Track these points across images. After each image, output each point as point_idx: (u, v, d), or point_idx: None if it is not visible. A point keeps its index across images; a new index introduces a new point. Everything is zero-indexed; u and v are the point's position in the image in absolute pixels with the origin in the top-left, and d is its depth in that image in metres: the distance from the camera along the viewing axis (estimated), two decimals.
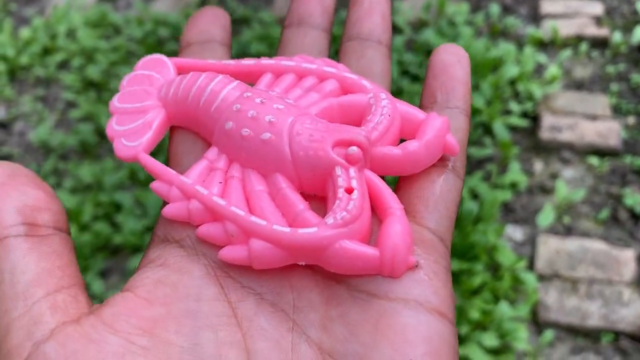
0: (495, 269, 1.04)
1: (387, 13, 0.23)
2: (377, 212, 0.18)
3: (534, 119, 1.24)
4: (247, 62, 0.21)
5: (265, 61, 0.21)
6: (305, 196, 0.18)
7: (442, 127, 0.18)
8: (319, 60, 0.21)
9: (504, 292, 1.01)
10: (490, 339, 0.93)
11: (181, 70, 0.22)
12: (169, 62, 0.22)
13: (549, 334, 0.98)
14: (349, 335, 0.16)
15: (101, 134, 1.32)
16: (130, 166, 1.23)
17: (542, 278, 1.04)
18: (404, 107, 0.20)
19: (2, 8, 1.69)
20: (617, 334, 0.99)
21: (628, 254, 1.05)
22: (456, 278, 1.01)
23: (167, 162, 0.22)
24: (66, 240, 0.19)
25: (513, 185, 1.14)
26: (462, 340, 0.95)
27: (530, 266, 1.05)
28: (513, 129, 1.24)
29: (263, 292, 0.17)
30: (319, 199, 0.18)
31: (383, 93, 0.19)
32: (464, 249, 1.02)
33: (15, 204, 0.18)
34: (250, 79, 0.21)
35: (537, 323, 1.00)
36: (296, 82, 0.21)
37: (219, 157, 0.19)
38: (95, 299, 1.07)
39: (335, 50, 0.24)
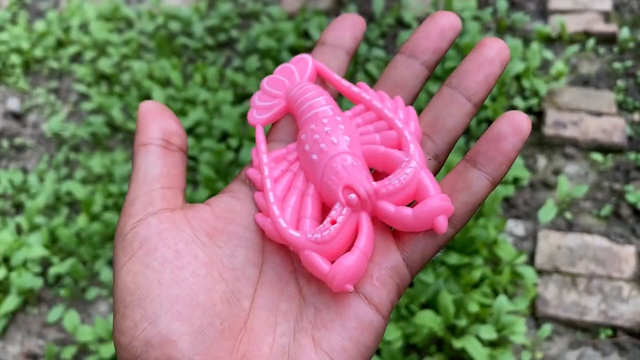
0: (495, 263, 1.05)
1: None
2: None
3: (539, 114, 1.25)
4: (353, 89, 0.27)
5: (363, 94, 0.27)
6: (325, 206, 0.25)
7: (439, 208, 0.23)
8: (400, 106, 0.26)
9: (503, 286, 1.02)
10: (488, 332, 0.95)
11: (317, 71, 0.28)
12: (310, 62, 0.28)
13: (547, 328, 0.99)
14: (319, 293, 0.24)
15: (112, 125, 1.35)
16: None
17: (542, 273, 1.05)
18: (425, 177, 0.23)
19: (18, 1, 1.72)
20: (616, 330, 1.00)
21: (629, 250, 1.05)
22: (456, 272, 1.02)
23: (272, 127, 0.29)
24: (183, 159, 0.27)
25: (516, 181, 1.15)
26: (460, 332, 0.96)
27: (531, 261, 1.06)
28: None
29: (275, 260, 0.25)
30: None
31: (416, 161, 0.23)
32: (464, 243, 1.03)
33: (160, 125, 0.26)
34: (351, 99, 0.27)
35: (536, 317, 1.02)
36: (372, 119, 0.26)
37: (292, 151, 0.26)
38: (104, 286, 1.10)
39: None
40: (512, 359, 0.94)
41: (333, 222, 0.23)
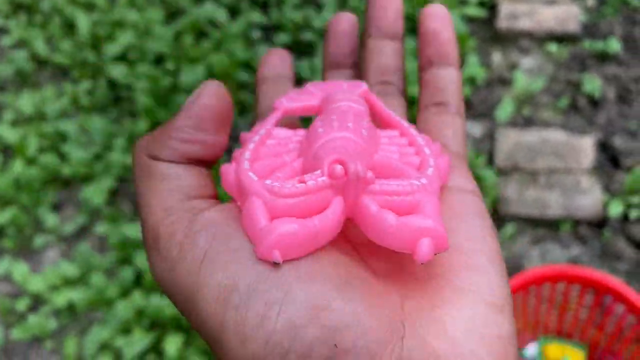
0: None
1: (401, 10, 0.26)
2: None
3: (492, 8, 1.19)
4: (394, 116, 0.24)
5: (402, 121, 0.23)
6: None
7: (430, 230, 0.17)
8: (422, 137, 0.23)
9: None
10: None
11: (365, 96, 0.25)
12: (363, 86, 0.25)
13: (509, 228, 0.98)
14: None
15: (37, 60, 1.24)
16: (72, 92, 1.16)
17: (501, 172, 1.03)
18: (430, 201, 0.19)
19: None
20: (576, 222, 1.00)
21: (587, 142, 1.04)
22: None
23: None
24: None
25: (471, 80, 1.11)
26: None
27: (490, 161, 1.04)
28: (470, 20, 1.18)
29: None
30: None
31: (427, 180, 0.19)
32: None
33: None
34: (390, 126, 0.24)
35: (498, 217, 1.01)
36: (403, 143, 0.22)
37: (299, 134, 0.23)
38: (50, 233, 1.04)
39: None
40: None
41: (301, 181, 0.18)
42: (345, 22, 0.27)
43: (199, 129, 0.20)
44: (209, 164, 0.20)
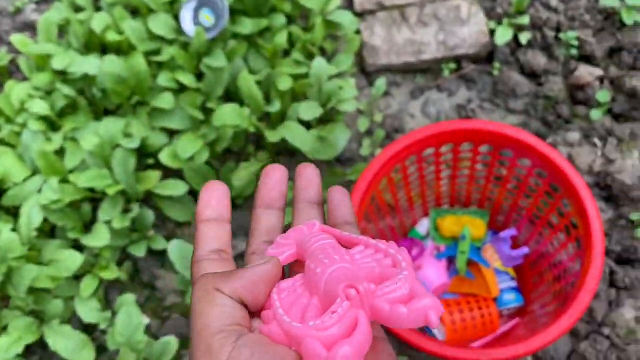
0: (303, 18, 0.80)
1: (320, 183, 0.34)
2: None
3: None
4: (353, 236, 0.31)
5: (361, 237, 0.30)
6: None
7: (431, 304, 0.24)
8: (391, 243, 0.29)
9: (318, 46, 0.79)
10: (310, 111, 0.74)
11: (322, 230, 0.32)
12: (318, 224, 0.32)
13: (381, 83, 0.79)
14: None
15: None
16: None
17: (363, 15, 0.82)
18: (417, 284, 0.25)
19: None
20: (459, 62, 0.82)
21: None
22: (254, 43, 0.77)
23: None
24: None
25: None
26: (276, 120, 0.75)
27: (349, 3, 0.82)
28: None
29: None
30: None
31: (408, 272, 0.26)
32: (256, 2, 0.76)
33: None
34: (352, 245, 0.31)
35: (366, 73, 0.81)
36: (371, 253, 0.29)
37: (299, 279, 0.29)
38: None
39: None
40: (348, 132, 0.76)
41: (333, 312, 0.24)
42: (277, 172, 0.33)
43: (256, 286, 0.27)
44: (250, 309, 0.27)
